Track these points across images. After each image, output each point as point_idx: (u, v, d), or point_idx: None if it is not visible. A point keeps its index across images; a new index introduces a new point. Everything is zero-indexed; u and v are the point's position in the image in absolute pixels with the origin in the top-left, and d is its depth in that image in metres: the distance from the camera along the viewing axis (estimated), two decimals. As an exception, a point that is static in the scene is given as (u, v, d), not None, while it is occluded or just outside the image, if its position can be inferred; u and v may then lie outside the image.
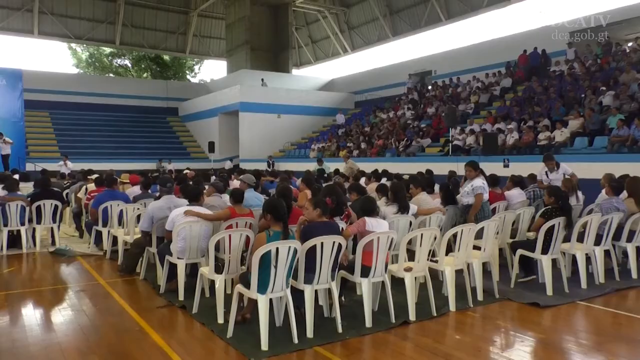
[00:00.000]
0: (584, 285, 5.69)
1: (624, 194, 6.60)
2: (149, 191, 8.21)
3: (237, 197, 5.66)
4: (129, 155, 26.64)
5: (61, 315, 4.95)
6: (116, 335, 4.37)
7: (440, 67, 25.96)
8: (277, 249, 3.95)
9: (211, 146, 25.28)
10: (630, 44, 17.93)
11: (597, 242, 5.97)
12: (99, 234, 7.83)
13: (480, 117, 18.04)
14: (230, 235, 4.80)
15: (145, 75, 46.35)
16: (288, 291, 4.17)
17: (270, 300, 4.19)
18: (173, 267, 5.33)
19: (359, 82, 31.49)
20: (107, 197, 7.72)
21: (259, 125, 27.14)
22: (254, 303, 4.22)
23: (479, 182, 6.41)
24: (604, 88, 14.94)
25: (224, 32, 36.06)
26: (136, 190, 8.58)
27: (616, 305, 5.26)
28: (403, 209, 5.87)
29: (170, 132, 32.73)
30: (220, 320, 4.51)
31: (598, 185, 7.46)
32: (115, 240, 7.34)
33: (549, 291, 5.42)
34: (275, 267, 3.98)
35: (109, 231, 7.53)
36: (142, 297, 5.58)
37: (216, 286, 4.65)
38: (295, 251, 4.10)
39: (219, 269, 4.82)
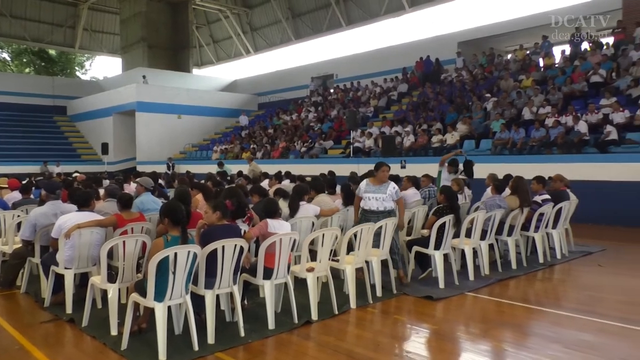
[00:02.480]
0: (471, 277, 6.12)
1: (507, 191, 7.21)
2: (32, 196, 7.51)
3: (124, 202, 5.34)
4: (9, 158, 24.27)
5: None
6: (-9, 357, 3.94)
7: (342, 71, 26.67)
8: (176, 254, 3.80)
9: (105, 148, 23.79)
10: (510, 55, 19.70)
11: (483, 237, 6.46)
12: (-29, 245, 7.00)
13: (379, 120, 18.78)
14: (124, 242, 4.53)
15: (27, 70, 42.48)
16: (188, 297, 4.03)
17: (169, 307, 4.01)
18: (59, 278, 4.93)
19: (263, 83, 31.39)
20: (-20, 204, 6.93)
21: (158, 126, 26.02)
22: (150, 311, 4.03)
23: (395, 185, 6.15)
24: (488, 95, 16.25)
25: (119, 28, 34.14)
26: (16, 195, 7.80)
27: (499, 294, 5.72)
28: (291, 211, 6.00)
29: (58, 133, 30.26)
30: (114, 332, 4.24)
31: (484, 184, 8.08)
32: (-9, 251, 6.60)
33: (441, 284, 5.76)
34: (174, 273, 3.83)
35: (-17, 242, 6.76)
36: (24, 313, 5.10)
37: (109, 296, 4.37)
38: (195, 256, 3.97)
39: (112, 277, 4.53)
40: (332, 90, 25.79)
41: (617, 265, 7.10)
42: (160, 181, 10.59)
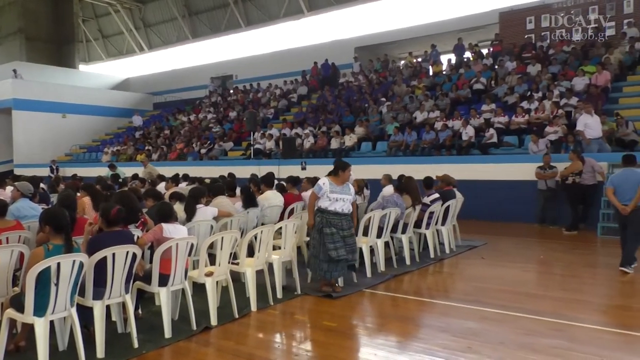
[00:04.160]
0: (369, 274, 6.34)
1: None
2: None
3: None
4: None
5: None
6: None
7: (242, 72, 26.36)
8: (59, 264, 3.50)
9: (-25, 149, 21.41)
10: (402, 62, 20.78)
11: (379, 235, 6.73)
12: None
13: (279, 122, 18.83)
14: (-3, 253, 4.08)
15: None
16: (73, 310, 3.73)
17: (52, 322, 3.69)
18: None
19: (158, 82, 30.08)
20: None
21: (39, 126, 23.89)
22: (29, 328, 3.68)
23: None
24: (383, 99, 16.98)
25: (-9, 17, 30.89)
26: None
27: (394, 289, 5.99)
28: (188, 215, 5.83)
29: None
30: (-15, 354, 3.81)
31: (379, 183, 8.42)
32: None
33: (341, 283, 5.90)
34: (57, 284, 3.52)
35: None
36: None
37: (-21, 314, 3.91)
38: (82, 265, 3.69)
39: (-18, 293, 4.06)
40: (231, 91, 25.41)
41: (497, 257, 7.76)
42: (42, 185, 9.72)
